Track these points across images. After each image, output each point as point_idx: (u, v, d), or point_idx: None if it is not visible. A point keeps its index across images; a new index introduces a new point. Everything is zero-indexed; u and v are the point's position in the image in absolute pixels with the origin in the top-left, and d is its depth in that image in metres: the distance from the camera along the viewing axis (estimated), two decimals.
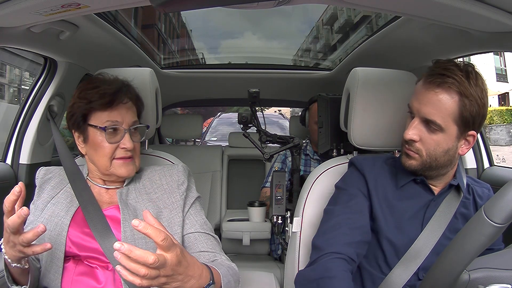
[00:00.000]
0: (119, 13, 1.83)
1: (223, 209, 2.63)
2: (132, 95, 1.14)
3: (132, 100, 1.13)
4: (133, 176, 1.13)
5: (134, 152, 1.11)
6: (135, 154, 1.12)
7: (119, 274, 0.73)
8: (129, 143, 1.07)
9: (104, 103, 1.06)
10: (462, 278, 0.73)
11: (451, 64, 0.99)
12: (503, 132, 13.59)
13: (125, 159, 1.09)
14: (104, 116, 1.07)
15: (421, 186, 1.09)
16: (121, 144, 1.07)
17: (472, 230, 0.73)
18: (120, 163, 1.08)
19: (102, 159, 1.08)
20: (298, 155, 1.89)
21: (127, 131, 1.08)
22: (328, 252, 1.00)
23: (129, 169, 1.09)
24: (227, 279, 0.95)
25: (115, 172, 1.08)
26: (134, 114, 1.12)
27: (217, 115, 7.71)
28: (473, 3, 0.88)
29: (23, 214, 0.81)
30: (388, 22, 1.62)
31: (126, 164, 1.09)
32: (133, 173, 1.11)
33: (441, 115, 0.97)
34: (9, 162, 1.68)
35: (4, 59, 4.06)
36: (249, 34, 2.61)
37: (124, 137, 1.08)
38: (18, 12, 0.94)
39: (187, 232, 1.09)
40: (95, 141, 1.07)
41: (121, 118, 1.08)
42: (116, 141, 1.07)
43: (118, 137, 1.07)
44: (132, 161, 1.10)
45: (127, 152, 1.08)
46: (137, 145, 1.12)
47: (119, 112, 1.08)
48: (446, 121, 0.98)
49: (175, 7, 1.08)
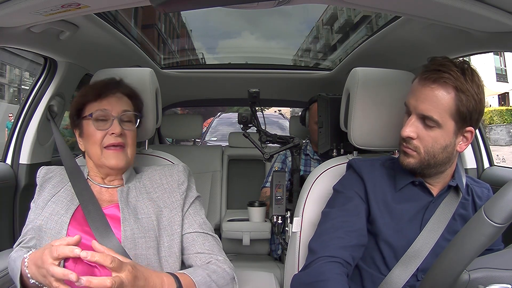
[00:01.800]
0: (119, 13, 1.83)
1: (223, 209, 2.63)
2: (125, 89, 1.16)
3: (124, 93, 1.14)
4: (124, 166, 1.12)
5: (125, 140, 1.10)
6: (128, 144, 1.11)
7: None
8: (117, 128, 1.08)
9: (94, 94, 1.10)
10: (462, 278, 0.73)
11: (446, 60, 0.99)
12: (503, 132, 13.60)
13: (115, 147, 1.09)
14: (94, 106, 1.10)
15: (420, 188, 1.08)
16: (110, 130, 1.08)
17: (472, 230, 0.73)
18: (110, 153, 1.08)
19: (93, 148, 1.09)
20: (298, 155, 1.89)
21: (115, 118, 1.09)
22: (323, 256, 1.00)
23: (119, 159, 1.09)
24: (206, 285, 0.97)
25: (105, 163, 1.09)
26: (125, 104, 1.13)
27: (217, 115, 7.72)
28: (473, 3, 0.88)
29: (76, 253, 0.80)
30: (388, 22, 1.62)
31: (116, 154, 1.09)
32: (123, 164, 1.10)
33: (438, 110, 0.97)
34: (9, 162, 1.69)
35: (4, 59, 4.06)
36: (249, 34, 2.61)
37: (113, 123, 1.09)
38: (18, 12, 0.94)
39: (186, 232, 1.09)
40: (88, 132, 1.10)
41: (111, 107, 1.10)
42: (105, 128, 1.09)
43: (107, 124, 1.09)
44: (123, 150, 1.10)
45: (116, 138, 1.08)
46: (129, 134, 1.12)
47: (108, 101, 1.10)
48: (443, 116, 0.98)
49: (175, 7, 1.08)
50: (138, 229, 1.03)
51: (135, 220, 1.04)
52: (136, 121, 1.16)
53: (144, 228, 1.04)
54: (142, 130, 1.27)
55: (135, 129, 1.15)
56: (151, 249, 1.03)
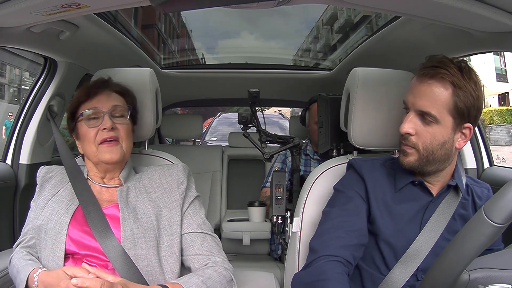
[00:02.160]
0: (119, 13, 1.83)
1: (223, 209, 2.63)
2: (114, 87, 1.16)
3: (114, 91, 1.15)
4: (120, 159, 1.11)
5: (118, 134, 1.11)
6: (121, 137, 1.11)
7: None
8: (108, 123, 1.08)
9: (85, 94, 1.12)
10: (462, 278, 0.73)
11: (444, 58, 1.00)
12: (503, 132, 13.59)
13: (109, 142, 1.09)
14: (85, 106, 1.11)
15: (420, 188, 1.08)
16: (102, 126, 1.09)
17: (472, 230, 0.73)
18: (104, 148, 1.09)
19: (89, 146, 1.10)
20: (298, 155, 1.89)
21: (105, 113, 1.09)
22: (324, 255, 1.00)
23: (114, 153, 1.09)
24: None
25: (100, 157, 1.09)
26: (115, 100, 1.13)
27: (217, 115, 7.71)
28: (473, 3, 0.88)
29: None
30: (388, 22, 1.62)
31: (110, 149, 1.09)
32: (118, 157, 1.10)
33: (436, 106, 0.98)
34: (9, 162, 1.69)
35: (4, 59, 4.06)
36: (249, 34, 2.61)
37: (104, 119, 1.09)
38: (18, 12, 0.94)
39: (184, 232, 1.09)
40: (82, 132, 1.11)
41: (100, 104, 1.11)
42: (97, 125, 1.09)
43: (99, 121, 1.10)
44: (117, 144, 1.10)
45: (109, 133, 1.08)
46: (122, 128, 1.12)
47: (98, 99, 1.11)
48: (441, 112, 0.98)
49: (175, 7, 1.08)
50: (138, 229, 1.03)
51: (135, 220, 1.04)
52: (128, 115, 1.15)
53: (144, 228, 1.04)
54: (142, 130, 1.27)
55: (128, 122, 1.14)
56: (151, 249, 1.03)
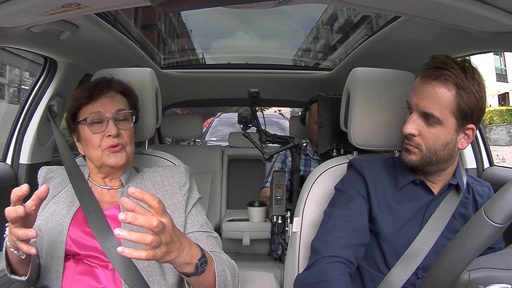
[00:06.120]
0: (119, 13, 1.83)
1: (223, 209, 2.63)
2: (117, 86, 1.14)
3: (117, 91, 1.13)
4: (125, 164, 1.11)
5: (123, 140, 1.09)
6: (126, 142, 1.10)
7: (123, 254, 0.73)
8: (113, 130, 1.07)
9: (87, 96, 1.09)
10: (462, 278, 0.73)
11: (447, 58, 1.00)
12: (503, 132, 13.60)
13: (114, 147, 1.07)
14: (88, 110, 1.08)
15: (421, 187, 1.08)
16: (106, 132, 1.07)
17: (472, 230, 0.73)
18: (109, 153, 1.08)
19: (93, 151, 1.08)
20: (298, 155, 1.89)
21: (110, 119, 1.08)
22: (326, 256, 1.00)
23: (119, 158, 1.08)
24: (221, 267, 0.95)
25: (105, 162, 1.08)
26: (119, 103, 1.11)
27: (217, 115, 7.71)
28: (473, 3, 0.88)
29: (19, 212, 0.80)
30: (388, 22, 1.62)
31: (115, 154, 1.08)
32: (122, 162, 1.09)
33: (439, 108, 0.98)
34: (9, 162, 1.68)
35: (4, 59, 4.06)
36: (249, 34, 2.61)
37: (108, 125, 1.07)
38: (18, 12, 0.94)
39: (188, 231, 1.09)
40: (85, 136, 1.09)
41: (104, 108, 1.08)
42: (101, 131, 1.07)
43: (103, 127, 1.08)
44: (121, 149, 1.09)
45: (114, 140, 1.07)
46: (126, 133, 1.11)
47: (101, 103, 1.09)
48: (444, 113, 0.98)
49: (175, 7, 1.08)
50: (139, 230, 1.03)
51: None
52: (132, 118, 1.15)
53: (145, 229, 1.03)
54: (142, 130, 1.27)
55: (132, 127, 1.14)
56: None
